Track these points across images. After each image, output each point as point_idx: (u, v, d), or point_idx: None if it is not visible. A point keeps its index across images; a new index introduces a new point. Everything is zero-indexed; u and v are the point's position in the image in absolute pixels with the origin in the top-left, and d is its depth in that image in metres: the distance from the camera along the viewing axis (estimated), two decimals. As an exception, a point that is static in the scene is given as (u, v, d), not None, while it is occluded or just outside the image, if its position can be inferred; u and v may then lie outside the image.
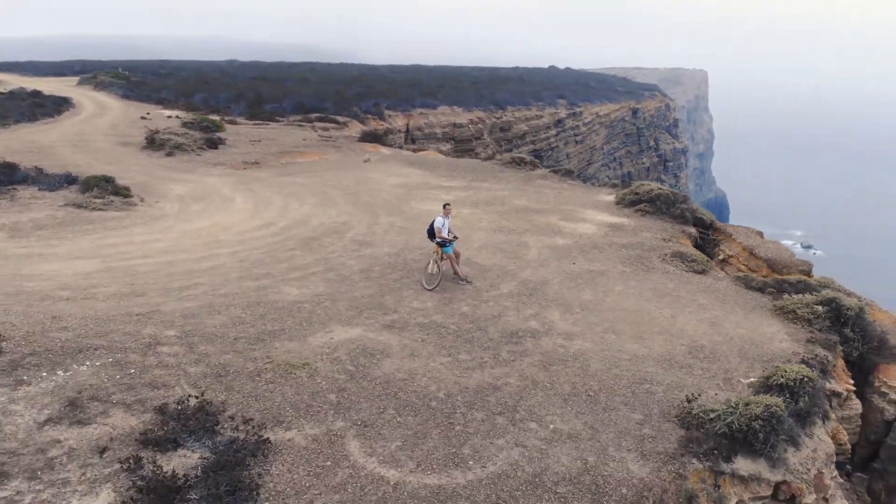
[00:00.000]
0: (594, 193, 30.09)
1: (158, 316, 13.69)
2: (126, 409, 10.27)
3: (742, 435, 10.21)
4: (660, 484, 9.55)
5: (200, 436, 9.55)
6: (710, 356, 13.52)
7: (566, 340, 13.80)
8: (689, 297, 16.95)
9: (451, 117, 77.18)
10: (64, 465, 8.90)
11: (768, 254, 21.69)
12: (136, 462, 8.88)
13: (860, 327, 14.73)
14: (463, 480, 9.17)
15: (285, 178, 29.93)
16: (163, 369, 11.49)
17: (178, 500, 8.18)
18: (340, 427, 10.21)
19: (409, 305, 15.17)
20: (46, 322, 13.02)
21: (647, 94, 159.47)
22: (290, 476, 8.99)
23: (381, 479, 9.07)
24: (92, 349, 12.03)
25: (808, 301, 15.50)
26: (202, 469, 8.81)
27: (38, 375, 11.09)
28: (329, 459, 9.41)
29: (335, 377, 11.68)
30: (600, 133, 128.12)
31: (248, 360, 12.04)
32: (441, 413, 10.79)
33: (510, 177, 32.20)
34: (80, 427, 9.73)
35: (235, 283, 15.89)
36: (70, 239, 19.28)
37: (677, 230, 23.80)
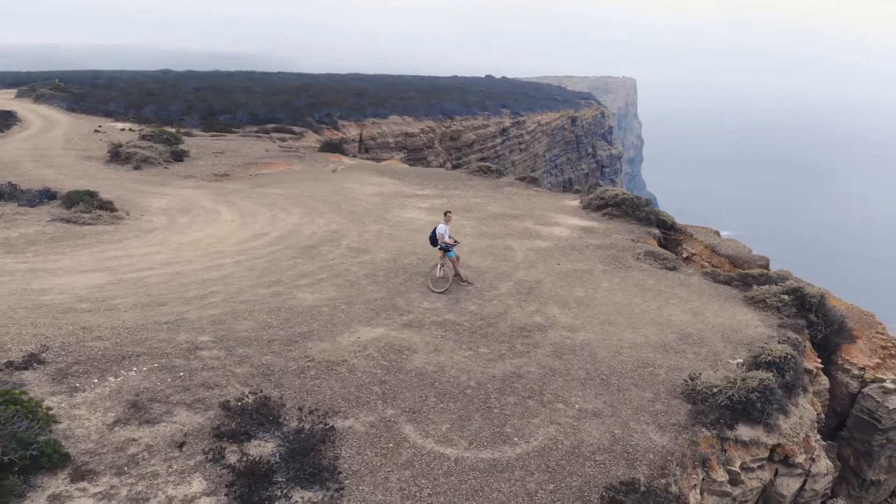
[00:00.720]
0: (559, 199, 31.75)
1: (186, 324, 14.28)
2: (188, 407, 10.95)
3: (742, 406, 11.72)
4: (679, 450, 10.94)
5: (268, 427, 10.35)
6: (699, 341, 15.10)
7: (571, 332, 15.13)
8: (669, 291, 18.60)
9: (402, 127, 78.28)
10: (147, 459, 9.57)
11: (729, 251, 23.70)
12: (219, 452, 9.65)
13: (822, 313, 16.65)
14: (513, 454, 10.31)
15: (262, 190, 30.36)
16: (210, 371, 12.17)
17: (268, 482, 9.00)
18: (391, 414, 11.19)
19: (421, 306, 16.20)
20: (78, 333, 13.44)
21: (583, 103, 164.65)
22: (361, 458, 9.91)
23: (441, 456, 10.11)
24: (134, 356, 12.58)
25: (776, 291, 17.37)
26: (280, 456, 9.64)
27: (90, 382, 11.61)
28: (391, 442, 10.39)
29: (373, 371, 12.62)
30: (542, 141, 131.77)
31: (288, 359, 12.84)
32: (477, 399, 11.90)
33: (479, 184, 33.57)
34: (150, 426, 10.37)
35: (250, 291, 16.55)
36: (68, 253, 19.41)
37: (643, 231, 25.61)
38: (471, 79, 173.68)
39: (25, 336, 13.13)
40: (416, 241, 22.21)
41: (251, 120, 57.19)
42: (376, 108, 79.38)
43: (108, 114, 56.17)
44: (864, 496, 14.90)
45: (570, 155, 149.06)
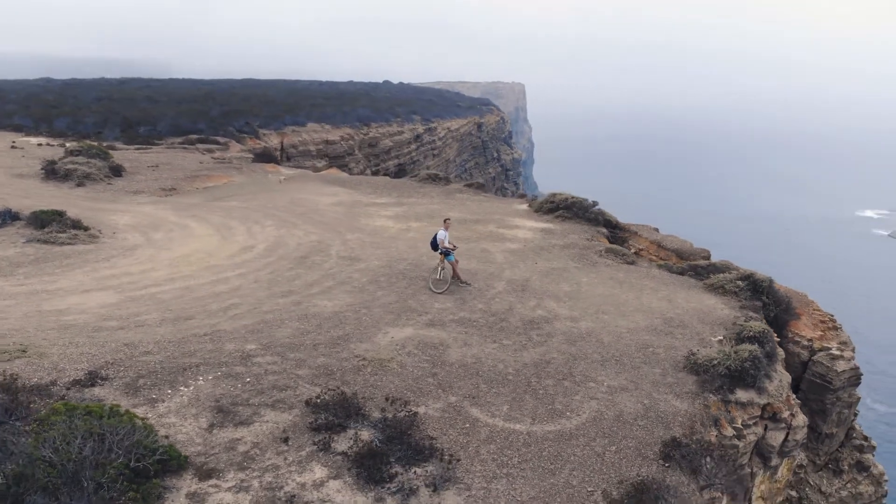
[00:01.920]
0: (507, 203, 33.87)
1: (225, 334, 14.96)
2: (271, 408, 11.85)
3: (738, 373, 13.98)
4: (697, 412, 13.01)
5: (356, 419, 11.46)
6: (681, 324, 17.41)
7: (573, 323, 17.02)
8: (639, 282, 20.94)
9: (322, 134, 78.44)
10: (261, 455, 10.47)
11: (674, 245, 26.56)
12: (326, 443, 10.71)
13: (772, 295, 19.49)
14: (571, 425, 11.98)
15: (221, 203, 30.46)
16: (274, 375, 13.05)
17: (383, 462, 10.18)
18: (454, 400, 12.57)
19: (434, 307, 17.57)
20: (124, 350, 13.85)
21: (484, 109, 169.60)
22: (448, 437, 11.25)
23: (514, 431, 11.63)
24: (192, 367, 13.22)
25: (731, 278, 20.08)
26: (379, 441, 10.81)
27: (165, 393, 12.23)
28: (466, 423, 11.78)
29: (421, 366, 13.92)
30: (453, 146, 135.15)
31: (341, 360, 13.89)
32: (521, 383, 13.48)
33: (431, 192, 35.11)
34: (245, 427, 11.23)
35: (270, 301, 17.31)
36: (60, 274, 19.22)
37: (594, 231, 28.08)
38: (370, 84, 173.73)
39: (72, 355, 13.42)
40: (398, 248, 23.46)
41: (173, 131, 55.82)
42: (294, 116, 79.03)
43: (17, 128, 53.06)
44: (819, 447, 17.73)
45: (477, 159, 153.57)
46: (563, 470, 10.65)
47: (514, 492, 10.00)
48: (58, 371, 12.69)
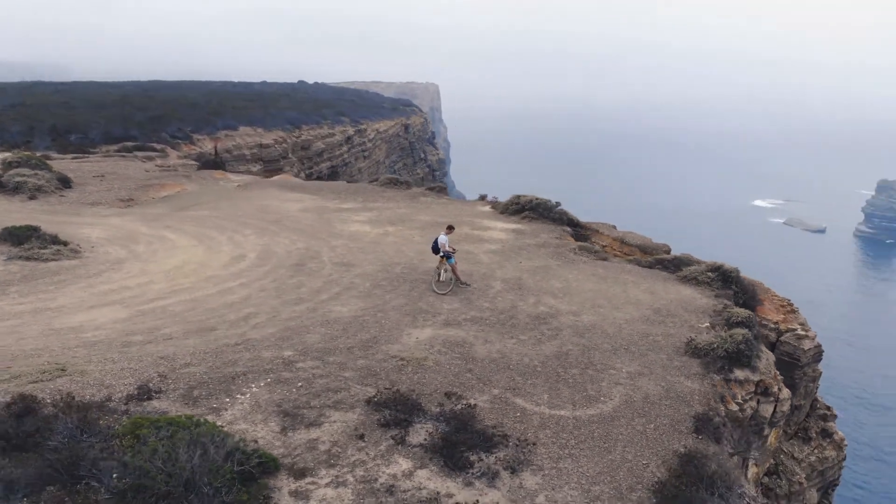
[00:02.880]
0: (471, 206, 35.06)
1: (257, 343, 15.34)
2: (334, 408, 12.49)
3: (735, 355, 15.68)
4: (708, 391, 14.58)
5: (418, 414, 12.27)
6: (669, 313, 19.08)
7: (575, 316, 18.35)
8: (619, 276, 22.57)
9: (255, 138, 77.26)
10: (343, 452, 11.13)
11: (636, 241, 28.50)
12: (401, 437, 11.48)
13: (739, 284, 21.56)
14: (608, 408, 13.24)
15: (187, 213, 30.09)
16: (324, 378, 13.64)
17: (460, 451, 11.06)
18: (497, 392, 13.57)
19: (443, 307, 18.48)
20: (163, 363, 14.03)
21: (409, 110, 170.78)
22: (506, 426, 12.24)
23: (561, 417, 12.76)
24: (239, 375, 13.62)
25: (702, 270, 22.02)
26: (448, 432, 11.68)
27: (224, 401, 12.63)
28: (517, 412, 12.82)
29: (455, 362, 14.83)
30: (382, 148, 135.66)
31: (379, 361, 14.60)
32: (550, 374, 14.64)
33: (395, 196, 35.81)
34: (317, 427, 11.84)
35: (285, 309, 17.72)
36: (56, 291, 18.85)
37: (560, 230, 29.68)
38: (286, 85, 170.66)
39: (113, 371, 13.52)
40: (386, 252, 24.16)
41: (106, 139, 53.75)
42: (225, 120, 77.39)
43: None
44: (790, 418, 19.85)
45: (405, 161, 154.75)
46: (616, 447, 11.87)
47: (581, 469, 11.12)
48: (106, 387, 12.80)
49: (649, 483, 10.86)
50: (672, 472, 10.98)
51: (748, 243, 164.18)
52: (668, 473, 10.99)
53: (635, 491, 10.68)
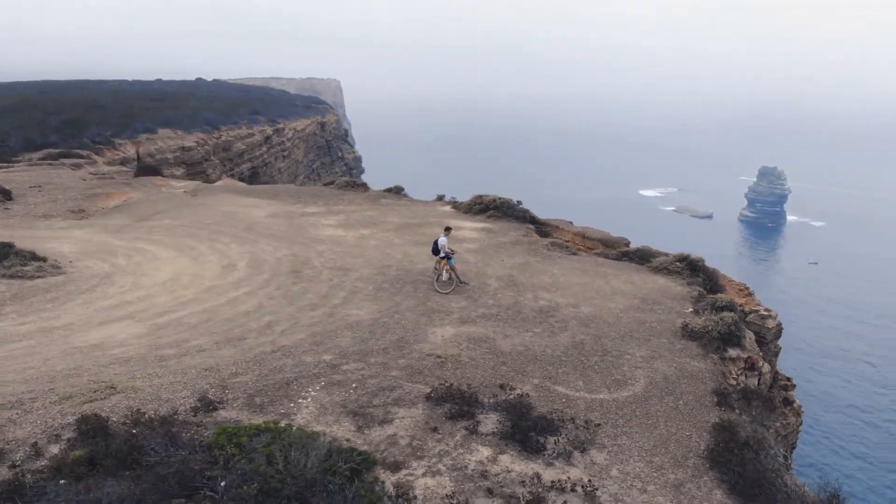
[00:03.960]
0: (432, 206, 35.98)
1: (294, 349, 15.76)
2: (396, 405, 13.23)
3: (727, 335, 17.54)
4: (713, 368, 16.33)
5: (475, 405, 13.21)
6: (654, 301, 20.85)
7: (575, 309, 19.76)
8: (598, 270, 24.23)
9: (177, 141, 74.67)
10: (423, 444, 11.93)
11: (597, 235, 30.40)
12: (471, 428, 12.40)
13: (704, 272, 23.72)
14: (639, 390, 14.66)
15: (151, 223, 29.37)
16: (374, 379, 14.31)
17: (532, 436, 12.12)
18: (537, 382, 14.70)
19: (453, 306, 19.41)
20: (208, 375, 14.25)
21: (322, 108, 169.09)
22: (558, 411, 13.39)
23: (602, 400, 14.05)
24: (292, 381, 14.07)
25: (671, 260, 24.03)
26: (513, 420, 12.70)
27: (288, 406, 13.12)
28: (563, 398, 14.00)
29: (487, 357, 15.83)
30: (300, 147, 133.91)
31: (418, 360, 15.39)
32: (575, 362, 15.92)
33: (356, 198, 36.18)
34: (390, 424, 12.57)
35: (303, 315, 18.11)
36: (54, 309, 18.33)
37: (525, 228, 31.18)
38: (186, 83, 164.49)
39: (163, 386, 13.65)
40: (373, 256, 24.73)
41: (26, 146, 50.55)
42: (144, 123, 74.25)
43: None
44: (759, 388, 22.18)
45: (323, 160, 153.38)
46: (659, 423, 13.29)
47: (637, 444, 12.45)
48: (165, 402, 12.95)
49: (698, 451, 12.34)
50: (715, 440, 12.50)
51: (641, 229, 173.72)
52: (712, 441, 12.51)
53: (689, 459, 12.12)
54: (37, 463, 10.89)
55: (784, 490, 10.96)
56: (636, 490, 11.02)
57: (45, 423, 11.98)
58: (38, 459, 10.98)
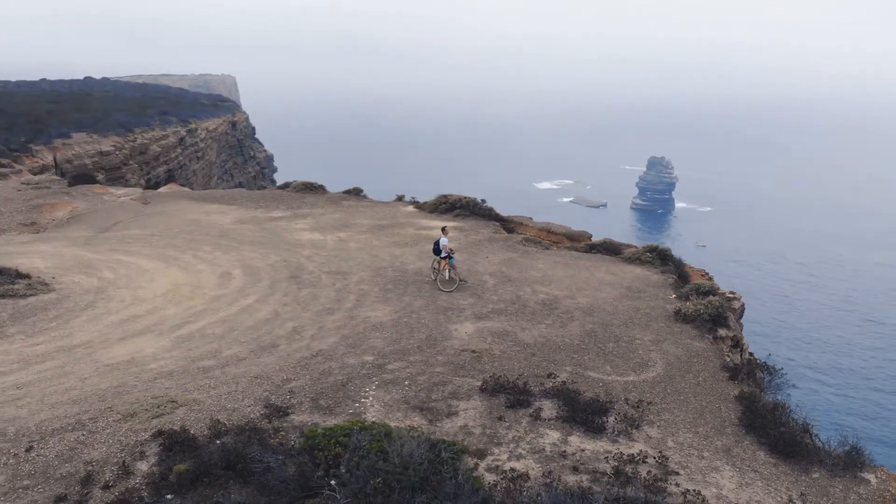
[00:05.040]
0: (394, 207, 36.57)
1: (330, 353, 16.25)
2: (454, 398, 14.08)
3: (716, 317, 19.43)
4: (712, 347, 18.12)
5: (528, 394, 14.27)
6: (640, 289, 22.59)
7: (573, 300, 21.14)
8: (578, 263, 25.79)
9: (94, 145, 71.17)
10: (496, 432, 12.86)
11: (561, 230, 32.06)
12: (536, 415, 13.44)
13: (672, 260, 25.77)
14: (660, 370, 16.16)
15: (120, 234, 28.42)
16: (423, 375, 15.07)
17: (591, 418, 13.29)
18: (571, 370, 15.91)
19: (462, 304, 20.31)
20: (261, 383, 14.57)
21: (230, 106, 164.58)
22: (601, 393, 14.64)
23: (633, 381, 15.44)
24: (346, 382, 14.64)
25: (641, 251, 25.94)
26: (568, 405, 13.83)
27: (354, 406, 13.72)
28: (598, 382, 15.27)
29: (514, 349, 16.90)
30: (213, 148, 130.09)
31: (454, 355, 16.25)
32: (595, 349, 17.25)
33: (318, 201, 36.18)
34: (456, 416, 13.43)
35: (324, 319, 18.52)
36: (61, 327, 17.79)
37: (494, 225, 32.43)
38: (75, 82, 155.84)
39: (221, 396, 13.91)
40: (362, 258, 25.19)
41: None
42: (58, 128, 70.07)
43: None
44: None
45: (236, 159, 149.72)
46: (690, 398, 14.82)
47: (679, 418, 13.89)
48: (231, 411, 13.24)
49: (732, 420, 13.94)
50: (743, 410, 14.14)
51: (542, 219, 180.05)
52: (740, 411, 14.14)
53: (727, 426, 13.69)
54: (130, 481, 11.01)
55: (814, 447, 12.68)
56: (695, 457, 12.43)
57: (120, 442, 12.02)
58: (129, 478, 11.09)
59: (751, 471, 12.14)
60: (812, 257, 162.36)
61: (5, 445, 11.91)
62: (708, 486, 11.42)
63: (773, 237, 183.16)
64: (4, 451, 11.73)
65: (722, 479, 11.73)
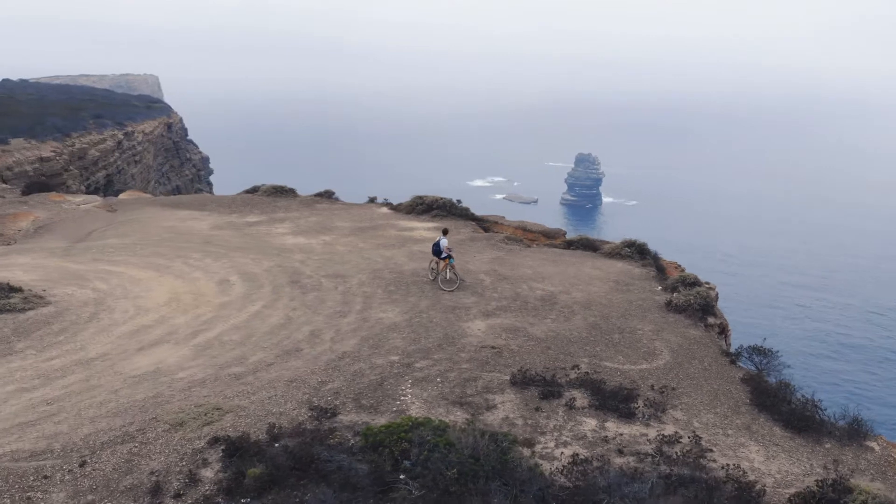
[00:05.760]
0: (368, 209, 36.82)
1: (356, 354, 16.66)
2: (488, 392, 14.79)
3: (705, 307, 20.79)
4: (706, 333, 19.42)
5: (556, 385, 15.10)
6: (627, 283, 23.80)
7: (569, 295, 22.12)
8: (562, 259, 26.84)
9: (33, 151, 68.35)
10: (537, 422, 13.63)
11: (537, 228, 33.12)
12: (570, 403, 14.27)
13: (650, 253, 27.17)
14: (668, 358, 17.29)
15: (99, 243, 27.75)
16: (452, 372, 15.70)
17: (622, 405, 14.22)
18: (587, 360, 16.83)
19: (464, 302, 20.97)
20: (297, 387, 14.91)
21: (160, 107, 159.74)
22: (623, 382, 15.61)
23: (649, 369, 16.49)
24: (381, 381, 15.12)
25: (620, 246, 27.24)
26: (601, 396, 14.71)
27: (395, 404, 14.23)
28: (616, 371, 16.25)
29: (529, 344, 17.71)
30: (150, 151, 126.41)
31: (475, 352, 16.92)
32: (605, 341, 18.24)
33: (291, 205, 36.06)
34: (496, 409, 14.15)
35: (338, 322, 18.87)
36: (69, 341, 17.46)
37: (472, 225, 33.20)
38: None
39: (263, 401, 14.18)
40: (355, 261, 25.49)
41: None
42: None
43: None
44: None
45: (172, 162, 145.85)
46: (702, 383, 15.96)
47: (698, 401, 15.00)
48: (278, 415, 13.57)
49: (744, 400, 15.16)
50: (751, 390, 15.39)
51: None
52: (749, 391, 15.39)
53: (741, 406, 14.90)
54: (200, 489, 11.24)
55: (822, 421, 14.00)
56: (721, 435, 13.54)
57: (177, 451, 12.19)
58: (198, 486, 11.33)
59: (772, 445, 13.34)
60: (730, 244, 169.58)
61: (56, 462, 11.88)
62: (740, 460, 12.52)
63: (694, 226, 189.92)
64: (57, 468, 11.70)
65: (750, 454, 12.87)
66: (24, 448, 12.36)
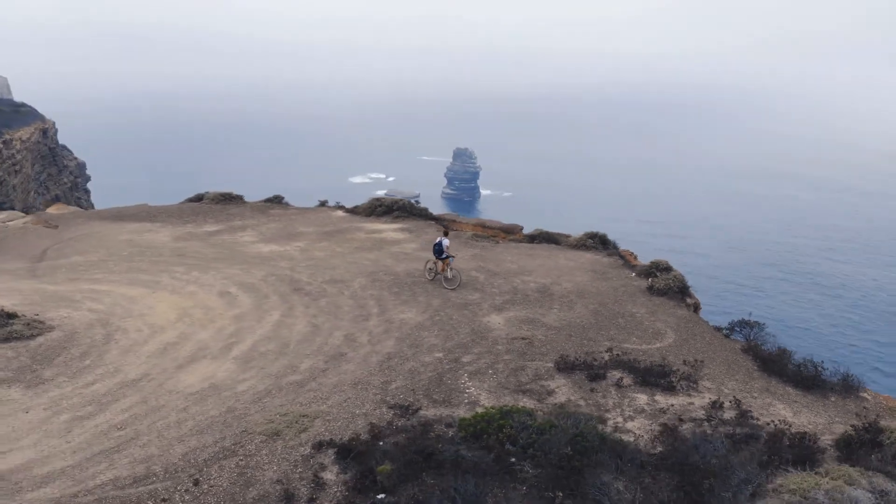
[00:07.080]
0: (324, 213, 36.85)
1: (402, 354, 17.60)
2: (540, 379, 16.24)
3: (683, 288, 23.27)
4: (689, 314, 21.83)
5: (599, 366, 16.73)
6: (602, 272, 25.92)
7: (560, 286, 23.88)
8: (535, 252, 28.61)
9: None
10: (598, 400, 15.21)
11: (496, 224, 34.74)
12: (619, 383, 15.95)
13: (611, 243, 29.56)
14: (674, 336, 19.41)
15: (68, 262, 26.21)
16: (499, 364, 16.99)
17: (662, 380, 16.06)
18: (608, 344, 18.59)
19: (470, 298, 22.20)
20: (364, 388, 15.72)
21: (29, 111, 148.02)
22: (652, 360, 17.48)
23: (664, 347, 18.51)
24: (438, 377, 16.20)
25: (584, 238, 29.43)
26: (640, 374, 16.47)
27: (463, 396, 15.36)
28: (639, 352, 18.12)
29: (551, 332, 19.28)
30: (28, 159, 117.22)
31: (509, 343, 18.28)
32: (613, 325, 20.12)
33: (244, 212, 35.40)
34: (555, 393, 15.58)
35: (367, 324, 19.60)
36: (96, 366, 17.02)
37: (433, 224, 34.28)
38: None
39: (343, 405, 14.88)
40: (344, 266, 25.95)
41: None
42: None
43: None
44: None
45: (50, 170, 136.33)
46: (714, 356, 18.16)
47: (718, 372, 17.12)
48: (362, 416, 14.37)
49: (753, 367, 17.50)
50: (754, 357, 17.79)
51: None
52: (755, 359, 17.77)
53: (753, 372, 17.23)
54: (329, 490, 11.88)
55: (822, 379, 16.54)
56: (749, 398, 15.73)
57: (287, 459, 12.75)
58: (327, 488, 11.94)
59: (793, 402, 15.70)
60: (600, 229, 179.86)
61: (168, 484, 12.05)
62: (774, 416, 14.70)
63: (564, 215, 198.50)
64: (171, 489, 11.90)
65: (780, 411, 15.12)
66: (123, 475, 12.39)
